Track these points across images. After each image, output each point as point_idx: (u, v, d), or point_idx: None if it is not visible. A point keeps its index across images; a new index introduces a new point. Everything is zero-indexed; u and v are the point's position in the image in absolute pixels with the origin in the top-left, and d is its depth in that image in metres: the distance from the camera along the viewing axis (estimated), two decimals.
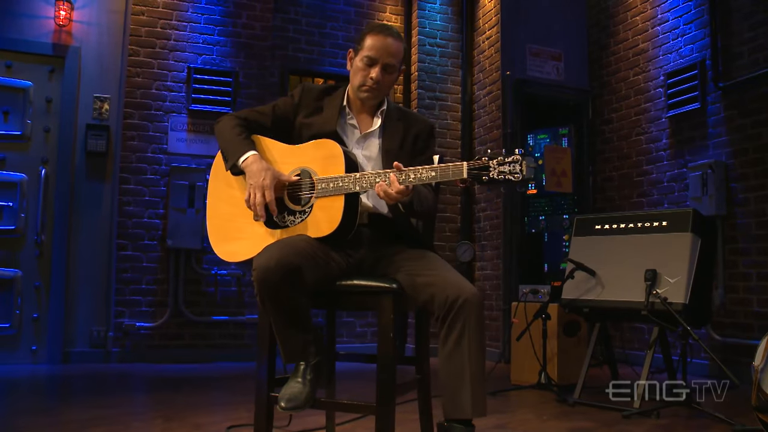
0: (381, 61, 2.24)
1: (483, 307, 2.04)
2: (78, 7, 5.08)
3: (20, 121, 4.89)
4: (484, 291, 5.71)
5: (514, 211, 5.48)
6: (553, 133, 5.70)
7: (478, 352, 1.99)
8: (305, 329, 2.09)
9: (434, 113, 6.05)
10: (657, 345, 3.45)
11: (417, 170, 2.02)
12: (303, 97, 2.38)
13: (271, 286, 1.94)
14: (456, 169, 1.98)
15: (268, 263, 1.91)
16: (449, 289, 2.01)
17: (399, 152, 2.30)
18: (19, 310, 4.77)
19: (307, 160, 2.22)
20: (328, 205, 2.14)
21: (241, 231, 2.25)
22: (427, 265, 2.15)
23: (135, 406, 3.38)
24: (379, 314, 2.14)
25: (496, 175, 1.93)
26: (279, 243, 2.00)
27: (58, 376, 4.41)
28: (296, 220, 2.19)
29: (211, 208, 2.36)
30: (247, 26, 5.49)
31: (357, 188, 2.10)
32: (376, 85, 2.26)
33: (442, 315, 2.01)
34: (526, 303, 4.07)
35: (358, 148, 2.33)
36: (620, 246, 3.65)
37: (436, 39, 6.12)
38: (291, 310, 2.02)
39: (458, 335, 1.99)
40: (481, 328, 2.01)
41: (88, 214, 5.00)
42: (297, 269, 1.93)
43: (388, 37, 2.25)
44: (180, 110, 5.23)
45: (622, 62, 5.52)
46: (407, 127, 2.37)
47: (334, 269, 2.14)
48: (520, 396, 3.83)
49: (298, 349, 2.11)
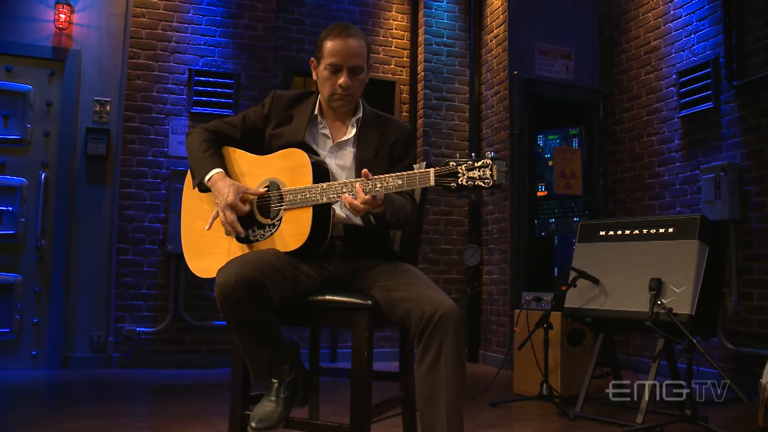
0: (346, 65, 2.14)
1: (462, 323, 1.93)
2: (78, 9, 5.04)
3: (20, 125, 4.86)
4: (492, 296, 5.59)
5: (522, 213, 5.34)
6: (563, 134, 5.55)
7: (455, 373, 1.89)
8: (274, 346, 2.00)
9: (441, 114, 5.94)
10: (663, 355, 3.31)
11: (383, 178, 1.92)
12: (273, 106, 2.29)
13: (233, 303, 1.85)
14: (423, 176, 1.88)
15: (228, 279, 1.83)
16: (425, 304, 1.91)
17: (374, 161, 2.20)
18: (19, 315, 4.75)
19: (275, 170, 2.13)
20: (296, 218, 2.05)
21: (213, 246, 2.18)
22: (404, 279, 2.05)
23: (123, 415, 3.32)
24: (354, 332, 2.04)
25: (465, 181, 1.82)
26: (241, 258, 1.91)
27: (54, 383, 4.38)
28: (266, 233, 2.11)
29: (185, 222, 2.29)
30: (249, 27, 5.42)
31: (324, 199, 2.01)
32: (347, 91, 2.16)
33: (419, 332, 1.91)
34: (528, 311, 3.94)
35: (332, 157, 2.24)
36: (625, 253, 3.51)
37: (443, 38, 5.99)
38: (256, 327, 1.94)
39: (435, 354, 1.89)
40: (459, 346, 1.90)
41: (89, 219, 4.96)
42: (258, 285, 1.84)
43: (348, 38, 2.14)
44: (181, 113, 5.17)
45: (634, 60, 5.36)
46: (383, 134, 2.26)
47: (304, 283, 2.05)
48: (521, 408, 3.71)
49: (266, 366, 2.03)
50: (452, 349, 1.88)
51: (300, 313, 2.13)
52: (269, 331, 1.96)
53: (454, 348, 1.88)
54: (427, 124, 5.88)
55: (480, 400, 3.85)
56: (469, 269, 5.76)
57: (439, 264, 5.82)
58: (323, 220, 2.06)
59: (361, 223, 2.17)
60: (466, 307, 5.78)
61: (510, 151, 5.37)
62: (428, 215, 5.81)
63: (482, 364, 5.61)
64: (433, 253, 5.81)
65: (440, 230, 5.86)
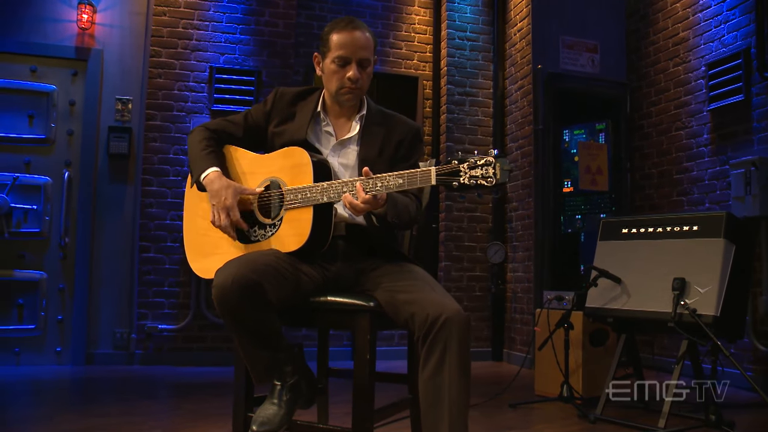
0: (354, 57, 2.08)
1: (468, 327, 1.86)
2: (100, 9, 5.08)
3: (44, 124, 4.92)
4: (516, 293, 5.50)
5: (546, 210, 5.24)
6: (589, 129, 5.42)
7: (459, 378, 1.83)
8: (275, 348, 1.96)
9: (464, 109, 5.85)
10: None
11: (384, 177, 1.86)
12: (275, 103, 2.24)
13: (231, 305, 1.82)
14: (424, 175, 1.82)
15: (225, 281, 1.80)
16: (430, 307, 1.85)
17: (377, 160, 2.14)
18: (44, 312, 4.81)
19: (276, 169, 2.09)
20: (296, 218, 2.01)
21: (215, 246, 2.15)
22: (408, 281, 1.99)
23: (138, 413, 3.32)
24: (356, 334, 2.00)
25: (468, 180, 1.76)
26: (238, 259, 1.88)
27: (76, 379, 4.43)
28: (267, 234, 2.07)
29: (187, 222, 2.26)
30: (270, 24, 5.40)
31: (325, 199, 1.96)
32: (356, 84, 2.11)
33: (422, 335, 1.85)
34: (549, 310, 3.85)
35: (334, 155, 2.18)
36: (648, 252, 3.40)
37: (466, 32, 5.91)
38: (255, 329, 1.90)
39: (439, 359, 1.83)
40: (464, 351, 1.83)
41: (111, 217, 5.00)
42: (256, 286, 1.80)
43: (355, 31, 2.09)
44: (202, 111, 5.18)
45: (662, 52, 5.21)
46: (389, 132, 2.20)
47: (306, 284, 2.01)
48: (541, 409, 3.63)
49: (267, 369, 1.99)
50: (456, 354, 1.82)
51: (301, 314, 2.09)
52: (269, 332, 1.93)
53: (458, 352, 1.82)
54: (450, 119, 5.80)
55: (500, 400, 3.78)
56: (493, 267, 5.68)
57: (462, 261, 5.75)
58: (324, 221, 2.02)
59: (365, 222, 2.12)
60: (490, 305, 5.71)
61: (534, 147, 5.27)
62: (451, 212, 5.74)
63: (506, 363, 5.53)
64: (457, 250, 5.74)
65: (464, 227, 5.78)
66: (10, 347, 4.75)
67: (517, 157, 5.54)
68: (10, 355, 4.74)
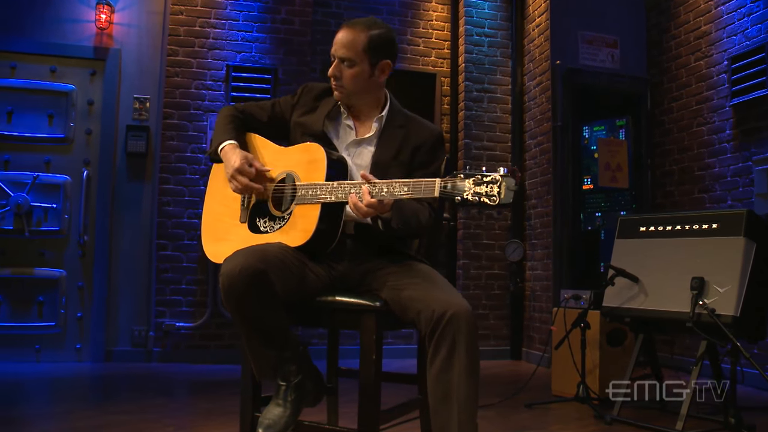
0: (336, 54, 2.11)
1: (474, 324, 1.84)
2: (118, 9, 5.11)
3: (63, 124, 4.97)
4: (535, 292, 5.44)
5: (565, 208, 5.17)
6: (609, 125, 5.34)
7: (468, 374, 1.81)
8: (279, 345, 1.95)
9: (483, 106, 5.80)
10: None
11: (390, 183, 1.85)
12: (302, 95, 2.28)
13: (237, 293, 1.82)
14: (428, 187, 1.80)
15: (233, 270, 1.80)
16: (435, 303, 1.84)
17: (391, 163, 2.13)
18: (64, 310, 4.86)
19: (293, 163, 2.11)
20: (305, 214, 2.01)
21: (227, 232, 2.17)
22: (414, 278, 1.97)
23: (153, 411, 3.34)
24: (361, 334, 1.98)
25: (471, 196, 1.73)
26: (247, 249, 1.87)
27: (94, 377, 4.47)
28: (275, 226, 2.07)
29: (207, 205, 2.30)
30: (287, 22, 5.40)
31: (333, 198, 1.96)
32: (336, 81, 2.12)
33: (429, 332, 1.84)
34: (566, 309, 3.80)
35: (349, 154, 2.17)
36: (666, 250, 3.33)
37: (484, 28, 5.85)
38: (260, 322, 1.90)
39: (446, 355, 1.81)
40: (472, 346, 1.82)
41: (129, 215, 5.04)
42: (262, 276, 1.80)
43: (346, 28, 2.11)
44: (219, 109, 5.17)
45: (683, 47, 5.11)
46: (407, 136, 2.18)
47: (312, 281, 2.01)
48: (557, 410, 3.58)
49: (271, 366, 1.99)
50: (465, 349, 1.80)
51: (308, 313, 2.08)
52: (275, 328, 1.92)
53: (466, 348, 1.80)
54: (469, 116, 5.75)
55: (517, 400, 3.74)
56: (512, 265, 5.63)
57: (481, 259, 5.70)
58: (332, 219, 2.01)
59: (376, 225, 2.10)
60: (509, 303, 5.66)
61: (552, 144, 5.21)
62: (469, 209, 5.69)
63: (525, 361, 5.48)
64: (475, 248, 5.69)
65: (482, 225, 5.73)
66: (31, 344, 4.80)
67: (536, 154, 5.48)
68: (31, 352, 4.80)
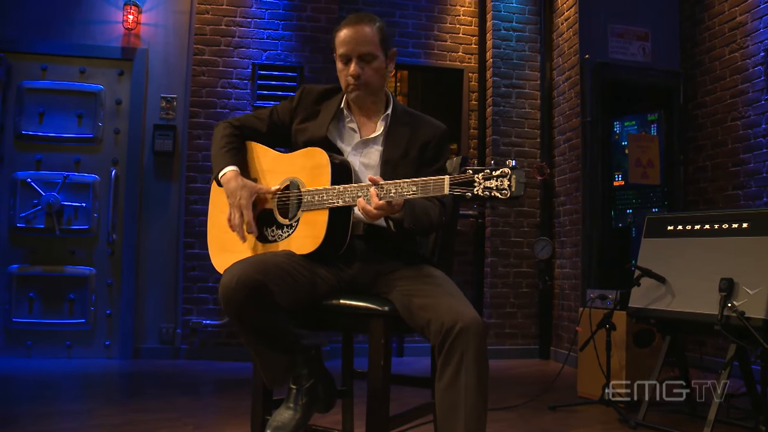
0: (353, 53, 2.05)
1: (484, 336, 1.79)
2: (145, 10, 5.16)
3: (92, 124, 5.04)
4: (563, 290, 5.35)
5: (594, 205, 5.06)
6: (641, 120, 5.21)
7: (476, 390, 1.76)
8: (287, 350, 1.93)
9: (511, 101, 5.72)
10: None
11: (398, 183, 1.81)
12: (301, 100, 2.23)
13: (235, 305, 1.80)
14: (437, 184, 1.75)
15: (230, 282, 1.78)
16: (445, 314, 1.79)
17: (401, 162, 2.09)
18: (94, 307, 4.94)
19: (296, 170, 2.07)
20: (312, 220, 1.98)
21: (235, 243, 2.14)
22: (426, 285, 1.93)
23: (174, 409, 3.37)
24: (370, 339, 1.95)
25: (481, 191, 1.68)
26: (247, 260, 1.86)
27: (122, 374, 4.54)
28: (283, 234, 2.05)
29: (211, 217, 2.28)
30: (312, 19, 5.38)
31: (340, 202, 1.93)
32: (358, 80, 2.06)
33: (438, 343, 1.80)
34: (591, 309, 3.72)
35: (356, 154, 2.14)
36: (694, 250, 3.23)
37: (512, 23, 5.76)
38: (263, 331, 1.88)
39: (454, 369, 1.76)
40: (480, 361, 1.77)
41: (157, 213, 5.10)
42: (261, 287, 1.78)
43: (354, 26, 2.05)
44: (245, 107, 5.21)
45: (717, 38, 4.95)
46: (414, 134, 2.14)
47: (321, 287, 1.98)
48: (581, 413, 3.50)
49: (279, 372, 1.97)
50: (473, 364, 1.75)
51: (315, 317, 2.06)
52: (279, 334, 1.90)
53: (474, 363, 1.75)
54: (497, 112, 5.68)
55: (541, 401, 3.68)
56: (540, 263, 5.54)
57: (509, 257, 5.63)
58: (341, 223, 1.98)
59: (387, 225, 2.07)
60: (537, 301, 5.58)
61: (582, 139, 5.10)
62: (498, 207, 5.62)
63: (553, 361, 5.39)
64: (503, 245, 5.62)
65: (510, 222, 5.66)
66: (62, 340, 4.89)
67: (565, 150, 5.38)
68: (62, 349, 4.89)
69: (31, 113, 4.96)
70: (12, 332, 4.84)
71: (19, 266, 4.88)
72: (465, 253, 5.77)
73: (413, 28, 5.79)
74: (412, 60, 5.77)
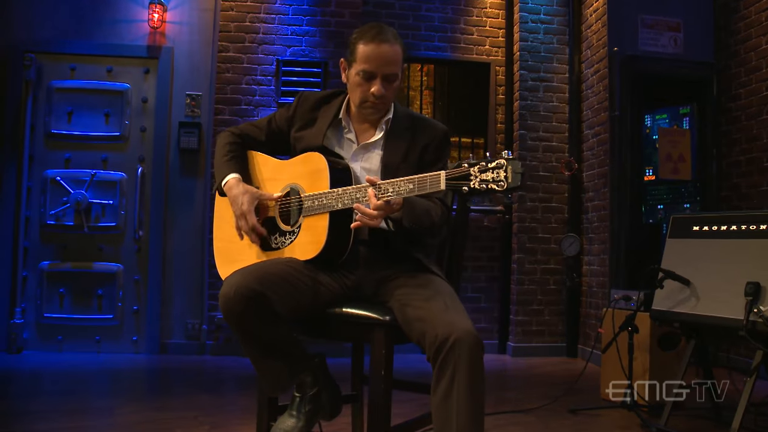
0: (380, 72, 1.99)
1: (479, 349, 1.75)
2: (170, 8, 5.19)
3: (119, 122, 5.10)
4: (591, 288, 5.25)
5: (622, 201, 4.94)
6: (672, 113, 5.07)
7: (468, 405, 1.71)
8: (287, 359, 1.93)
9: (538, 95, 5.62)
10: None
11: (395, 182, 1.79)
12: (298, 108, 2.20)
13: (234, 315, 1.80)
14: (433, 180, 1.72)
15: (229, 292, 1.78)
16: (439, 327, 1.75)
17: (401, 165, 2.05)
18: (121, 303, 5.02)
19: (296, 176, 2.06)
20: (313, 225, 1.97)
21: (241, 253, 2.14)
22: (422, 295, 1.89)
23: (192, 407, 3.41)
24: (371, 349, 1.93)
25: (478, 184, 1.65)
26: (246, 269, 1.85)
27: (147, 369, 4.61)
28: (286, 241, 2.04)
29: (216, 228, 2.27)
30: (336, 14, 5.36)
31: (340, 205, 1.91)
32: (380, 100, 2.02)
33: (432, 356, 1.76)
34: (615, 310, 3.63)
35: (356, 160, 2.11)
36: (720, 252, 3.12)
37: (539, 15, 5.64)
38: (264, 340, 1.88)
39: (448, 383, 1.73)
40: (474, 375, 1.72)
41: (182, 210, 5.14)
42: (259, 297, 1.77)
43: (383, 44, 1.98)
44: (269, 104, 5.22)
45: (753, 28, 4.77)
46: (414, 137, 2.10)
47: (324, 294, 1.96)
48: (602, 416, 3.43)
49: (280, 379, 1.96)
50: (465, 378, 1.71)
51: (317, 325, 2.04)
52: (279, 343, 1.90)
53: (467, 377, 1.71)
54: (524, 106, 5.58)
55: (563, 402, 3.61)
56: (568, 259, 5.45)
57: (536, 253, 5.54)
58: (343, 228, 1.96)
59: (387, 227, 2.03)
60: (565, 299, 5.49)
61: (610, 134, 4.98)
62: (524, 203, 5.54)
63: (581, 359, 5.30)
64: (530, 242, 5.54)
65: (538, 218, 5.57)
66: (92, 335, 4.99)
67: (593, 145, 5.27)
68: (92, 343, 4.99)
69: (60, 113, 5.05)
70: (44, 327, 4.96)
71: (49, 263, 4.99)
72: (492, 248, 5.70)
73: (439, 22, 5.72)
74: (438, 54, 5.71)
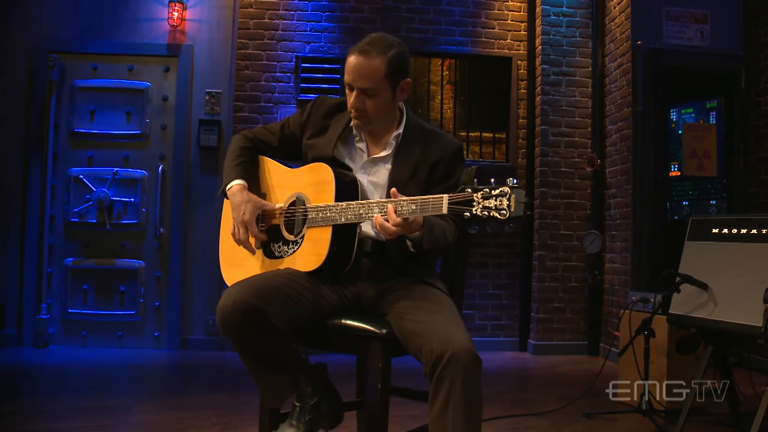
0: (354, 85, 1.97)
1: (476, 364, 1.72)
2: (190, 6, 5.22)
3: (140, 120, 5.16)
4: (613, 286, 5.17)
5: (645, 198, 4.84)
6: (699, 108, 4.94)
7: (463, 422, 1.69)
8: (285, 370, 1.93)
9: (560, 90, 5.53)
10: None
11: (398, 202, 1.77)
12: (312, 113, 2.18)
13: (231, 329, 1.80)
14: (436, 203, 1.71)
15: (226, 305, 1.78)
16: (436, 341, 1.73)
17: (409, 182, 2.02)
18: (143, 299, 5.09)
19: (302, 185, 2.05)
20: (316, 237, 1.96)
21: (244, 258, 2.15)
22: (421, 308, 1.87)
23: (206, 407, 3.45)
24: (368, 362, 1.92)
25: (480, 211, 1.63)
26: (244, 282, 1.85)
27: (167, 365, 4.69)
28: (289, 250, 2.04)
29: (223, 231, 2.28)
30: (356, 10, 5.33)
31: (343, 219, 1.89)
32: (357, 112, 2.00)
33: (429, 371, 1.74)
34: (632, 312, 3.57)
35: (364, 173, 2.09)
36: (740, 256, 3.02)
37: (562, 8, 5.54)
38: (262, 353, 1.88)
39: (444, 399, 1.71)
40: (470, 392, 1.70)
41: (202, 207, 5.19)
42: (256, 311, 1.76)
43: (360, 56, 1.95)
44: (289, 101, 5.22)
45: None
46: (425, 152, 2.06)
47: (324, 306, 1.96)
48: (617, 421, 3.37)
49: (278, 391, 1.97)
50: (460, 396, 1.69)
51: (315, 336, 2.03)
52: (277, 355, 1.90)
53: (462, 394, 1.69)
54: (546, 101, 5.50)
55: (579, 405, 3.57)
56: (590, 256, 5.37)
57: (557, 250, 5.48)
58: (346, 241, 1.94)
59: None
60: (587, 296, 5.42)
61: (633, 130, 4.88)
62: (546, 199, 5.48)
63: (602, 357, 5.22)
64: (552, 239, 5.47)
65: (559, 215, 5.50)
66: (115, 331, 5.08)
67: (616, 141, 5.17)
68: (115, 339, 5.07)
69: (82, 111, 5.12)
70: (68, 323, 5.06)
71: (73, 259, 5.08)
72: (513, 245, 5.65)
73: (460, 16, 5.65)
74: (458, 48, 5.64)
